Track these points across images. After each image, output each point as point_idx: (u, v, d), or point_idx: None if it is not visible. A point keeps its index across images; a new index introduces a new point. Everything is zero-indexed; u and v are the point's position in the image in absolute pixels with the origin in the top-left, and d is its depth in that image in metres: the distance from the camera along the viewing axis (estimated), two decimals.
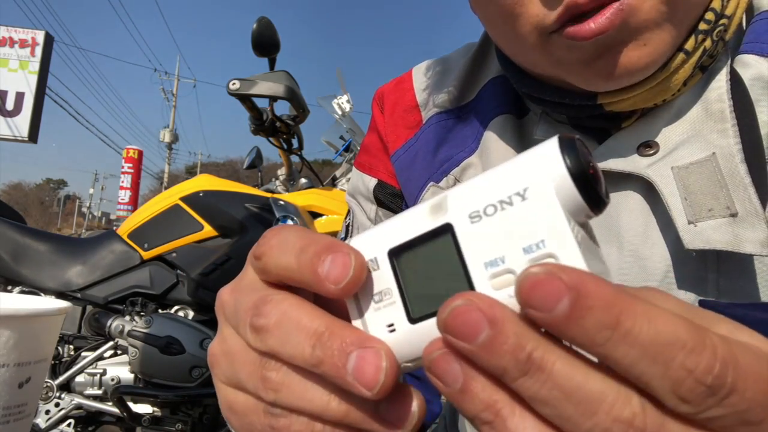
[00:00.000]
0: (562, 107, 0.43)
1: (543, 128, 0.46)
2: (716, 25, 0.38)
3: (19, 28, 7.85)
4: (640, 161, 0.39)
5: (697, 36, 0.38)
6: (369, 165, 0.59)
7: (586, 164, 0.18)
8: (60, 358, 1.68)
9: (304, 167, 2.24)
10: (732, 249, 0.33)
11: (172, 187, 1.91)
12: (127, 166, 17.90)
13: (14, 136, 7.46)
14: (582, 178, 0.18)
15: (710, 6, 0.38)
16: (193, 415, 1.64)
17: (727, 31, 0.39)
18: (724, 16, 0.38)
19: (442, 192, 0.22)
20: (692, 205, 0.35)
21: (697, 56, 0.38)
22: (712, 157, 0.36)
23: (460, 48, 0.58)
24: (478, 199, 0.20)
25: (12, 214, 1.92)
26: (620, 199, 0.40)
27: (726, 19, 0.38)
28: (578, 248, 0.17)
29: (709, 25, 0.38)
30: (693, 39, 0.38)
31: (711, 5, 0.38)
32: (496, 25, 0.41)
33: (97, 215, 47.75)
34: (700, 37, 0.38)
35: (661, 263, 0.38)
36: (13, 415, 0.38)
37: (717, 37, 0.38)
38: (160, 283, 1.73)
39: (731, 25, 0.39)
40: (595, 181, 0.18)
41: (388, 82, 0.61)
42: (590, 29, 0.35)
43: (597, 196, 0.18)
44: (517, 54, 0.43)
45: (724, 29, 0.38)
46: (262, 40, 1.75)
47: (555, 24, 0.36)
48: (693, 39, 0.38)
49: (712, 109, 0.38)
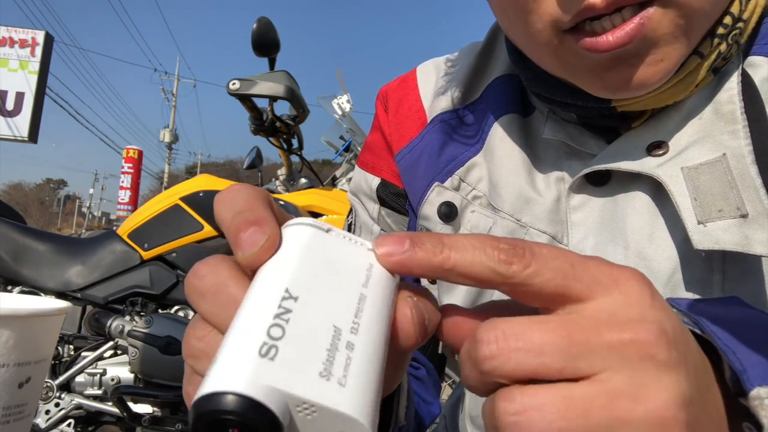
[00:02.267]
0: (572, 108, 0.43)
1: (551, 126, 0.45)
2: (733, 28, 0.37)
3: (19, 28, 7.86)
4: (650, 161, 0.38)
5: (713, 40, 0.37)
6: (372, 164, 0.58)
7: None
8: (60, 358, 1.68)
9: (304, 167, 2.24)
10: (742, 250, 0.33)
11: (172, 187, 1.91)
12: (127, 166, 17.90)
13: (14, 136, 7.46)
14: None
15: (729, 10, 0.37)
16: None
17: (742, 35, 0.39)
18: (741, 20, 0.38)
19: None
20: (702, 206, 0.35)
21: (712, 59, 0.38)
22: (723, 158, 0.36)
23: (464, 47, 0.58)
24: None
25: (12, 214, 1.92)
26: (628, 200, 0.40)
27: (742, 22, 0.38)
28: None
29: (726, 30, 0.37)
30: (709, 43, 0.37)
31: (730, 9, 0.37)
32: (508, 17, 0.40)
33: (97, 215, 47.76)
34: (716, 41, 0.37)
35: (667, 264, 0.37)
36: (13, 415, 0.38)
37: (732, 41, 0.38)
38: (160, 283, 1.73)
39: (746, 28, 0.38)
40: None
41: (392, 81, 0.60)
42: (608, 42, 0.34)
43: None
44: (527, 50, 0.42)
45: (740, 33, 0.38)
46: (262, 40, 1.75)
47: (569, 24, 0.35)
48: (709, 43, 0.37)
49: (723, 111, 0.38)
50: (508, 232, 0.45)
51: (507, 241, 0.22)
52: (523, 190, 0.45)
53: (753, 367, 0.21)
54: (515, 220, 0.44)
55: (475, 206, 0.47)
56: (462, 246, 0.22)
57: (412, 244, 0.22)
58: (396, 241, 0.22)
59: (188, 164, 47.44)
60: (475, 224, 0.47)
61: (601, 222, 0.41)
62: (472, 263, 0.21)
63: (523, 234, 0.44)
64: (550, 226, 0.43)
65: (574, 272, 0.21)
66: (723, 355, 0.22)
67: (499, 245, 0.21)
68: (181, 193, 1.80)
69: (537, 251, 0.21)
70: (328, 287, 0.21)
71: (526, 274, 0.21)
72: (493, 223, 0.45)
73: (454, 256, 0.21)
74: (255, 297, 0.20)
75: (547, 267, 0.21)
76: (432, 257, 0.22)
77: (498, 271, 0.21)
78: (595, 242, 0.41)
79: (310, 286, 0.20)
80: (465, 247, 0.22)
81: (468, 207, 0.48)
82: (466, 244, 0.22)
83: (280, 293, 0.20)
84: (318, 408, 0.17)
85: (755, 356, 0.21)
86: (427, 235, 0.22)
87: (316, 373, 0.18)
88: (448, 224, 0.48)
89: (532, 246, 0.22)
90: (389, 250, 0.22)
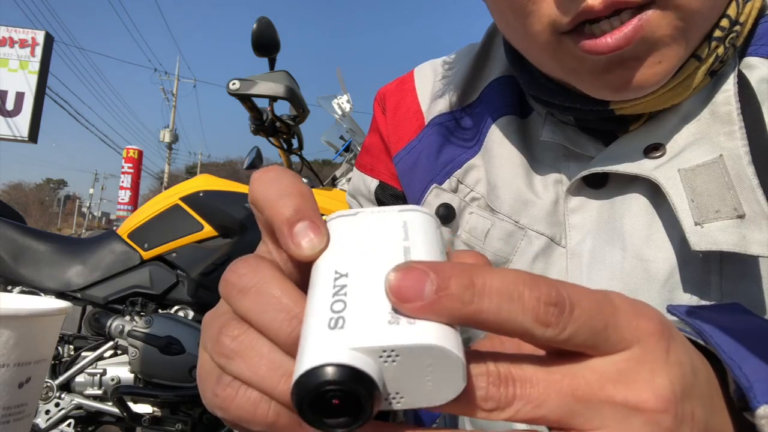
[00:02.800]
0: (571, 111, 0.43)
1: (549, 129, 0.45)
2: (730, 31, 0.37)
3: (19, 28, 7.85)
4: (647, 164, 0.38)
5: (710, 43, 0.37)
6: (370, 166, 0.58)
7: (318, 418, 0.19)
8: (60, 358, 1.68)
9: (304, 167, 2.24)
10: (739, 250, 0.33)
11: (172, 187, 1.91)
12: (127, 166, 17.91)
13: (14, 136, 7.46)
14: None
15: (725, 13, 0.37)
16: (193, 415, 1.64)
17: (739, 38, 0.39)
18: (738, 23, 0.38)
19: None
20: (699, 207, 0.35)
21: (709, 63, 0.38)
22: (720, 159, 0.36)
23: (461, 48, 0.58)
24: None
25: (12, 214, 1.92)
26: (625, 202, 0.40)
27: (739, 25, 0.38)
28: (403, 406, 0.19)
29: (723, 32, 0.37)
30: (706, 46, 0.37)
31: (726, 12, 0.37)
32: (506, 19, 0.40)
33: (97, 215, 47.78)
34: (713, 44, 0.37)
35: (665, 266, 0.37)
36: (13, 415, 0.38)
37: (729, 44, 0.38)
38: (160, 283, 1.73)
39: (743, 31, 0.39)
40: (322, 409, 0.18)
41: (389, 83, 0.60)
42: (606, 44, 0.34)
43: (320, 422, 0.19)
44: (526, 52, 0.42)
45: (737, 36, 0.38)
46: (262, 40, 1.75)
47: (568, 26, 0.35)
48: (706, 46, 0.37)
49: (719, 112, 0.38)
50: (506, 233, 0.45)
51: (548, 291, 0.19)
52: (521, 191, 0.45)
53: (759, 383, 0.21)
54: (513, 222, 0.44)
55: (473, 208, 0.47)
56: (497, 293, 0.18)
57: (437, 289, 0.18)
58: (416, 279, 0.19)
59: (188, 164, 47.52)
60: (473, 226, 0.47)
61: (599, 224, 0.41)
62: (506, 321, 0.19)
63: (522, 235, 0.44)
64: (548, 227, 0.43)
65: (606, 333, 0.19)
66: (728, 369, 0.22)
67: (540, 298, 0.18)
68: (181, 193, 1.80)
69: (578, 312, 0.19)
70: (371, 255, 0.22)
71: (559, 337, 0.19)
72: (491, 225, 0.46)
73: (486, 309, 0.18)
74: (313, 286, 0.22)
75: (583, 328, 0.19)
76: (460, 308, 0.18)
77: (533, 333, 0.19)
78: (593, 244, 0.41)
79: (354, 259, 0.22)
80: (500, 296, 0.18)
81: (466, 209, 0.48)
82: (502, 292, 0.18)
83: (331, 275, 0.21)
84: (398, 350, 0.18)
85: (762, 371, 0.21)
86: (453, 269, 0.19)
87: (385, 323, 0.19)
88: (446, 226, 0.49)
89: (574, 300, 0.19)
90: (408, 295, 0.19)
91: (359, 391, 0.18)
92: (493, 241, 0.45)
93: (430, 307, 0.18)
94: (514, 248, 0.44)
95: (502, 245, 0.45)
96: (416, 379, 0.19)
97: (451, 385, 0.19)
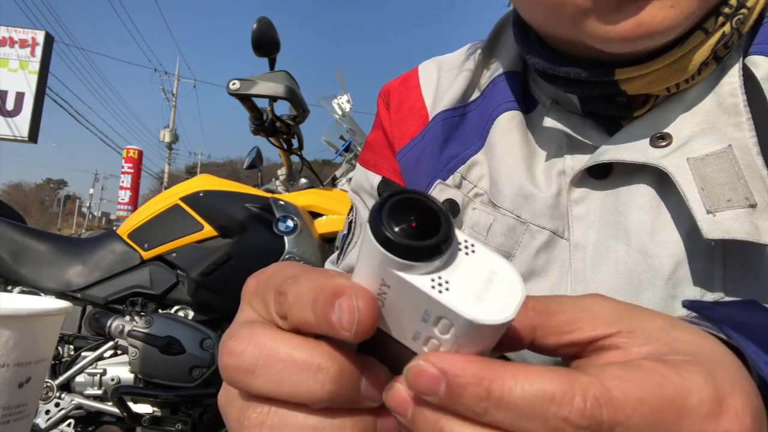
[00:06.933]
0: (576, 86, 0.42)
1: (553, 116, 0.45)
2: (737, 12, 0.37)
3: (19, 28, 7.86)
4: (654, 152, 0.38)
5: (717, 17, 0.37)
6: (373, 162, 0.59)
7: (391, 224, 0.19)
8: (60, 358, 1.68)
9: (304, 167, 2.24)
10: (752, 239, 0.33)
11: (172, 187, 1.91)
12: (127, 166, 17.92)
13: (14, 136, 7.46)
14: (386, 242, 0.18)
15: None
16: (193, 415, 1.64)
17: (744, 24, 0.39)
18: (745, 6, 0.38)
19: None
20: (710, 196, 0.35)
21: (716, 38, 0.37)
22: (729, 149, 0.36)
23: (466, 45, 0.58)
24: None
25: (12, 214, 1.92)
26: (629, 195, 0.40)
27: (746, 9, 0.38)
28: (449, 298, 0.18)
29: (731, 10, 0.37)
30: (713, 19, 0.37)
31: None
32: None
33: (97, 215, 47.77)
34: (720, 19, 0.37)
35: (669, 261, 0.37)
36: (13, 415, 0.38)
37: (735, 25, 0.38)
38: (160, 283, 1.73)
39: (749, 18, 0.39)
40: (407, 235, 0.18)
41: (393, 79, 0.60)
42: None
43: (413, 249, 0.18)
44: (534, 10, 0.41)
45: (742, 20, 0.38)
46: (262, 40, 1.75)
47: None
48: (713, 19, 0.37)
49: (725, 103, 0.38)
50: (508, 228, 0.45)
51: (581, 408, 0.16)
52: (523, 185, 0.44)
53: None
54: (515, 217, 0.44)
55: (476, 204, 0.47)
56: (514, 409, 0.16)
57: (449, 394, 0.17)
58: (429, 382, 0.18)
59: (188, 164, 47.51)
60: (476, 221, 0.47)
61: (603, 216, 0.41)
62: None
63: (524, 230, 0.44)
64: (550, 221, 0.43)
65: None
66: (754, 364, 0.22)
67: (569, 419, 0.16)
68: (181, 193, 1.80)
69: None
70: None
71: None
72: (493, 220, 0.46)
73: (501, 422, 0.17)
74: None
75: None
76: (473, 416, 0.17)
77: None
78: (596, 237, 0.41)
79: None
80: (518, 413, 0.16)
81: (469, 204, 0.48)
82: (520, 408, 0.16)
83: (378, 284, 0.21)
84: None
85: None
86: (467, 366, 0.18)
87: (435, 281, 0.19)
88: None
89: (617, 418, 0.16)
90: (425, 391, 0.18)
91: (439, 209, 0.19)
92: (496, 236, 0.45)
93: (446, 403, 0.18)
94: (516, 243, 0.44)
95: (505, 240, 0.45)
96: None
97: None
